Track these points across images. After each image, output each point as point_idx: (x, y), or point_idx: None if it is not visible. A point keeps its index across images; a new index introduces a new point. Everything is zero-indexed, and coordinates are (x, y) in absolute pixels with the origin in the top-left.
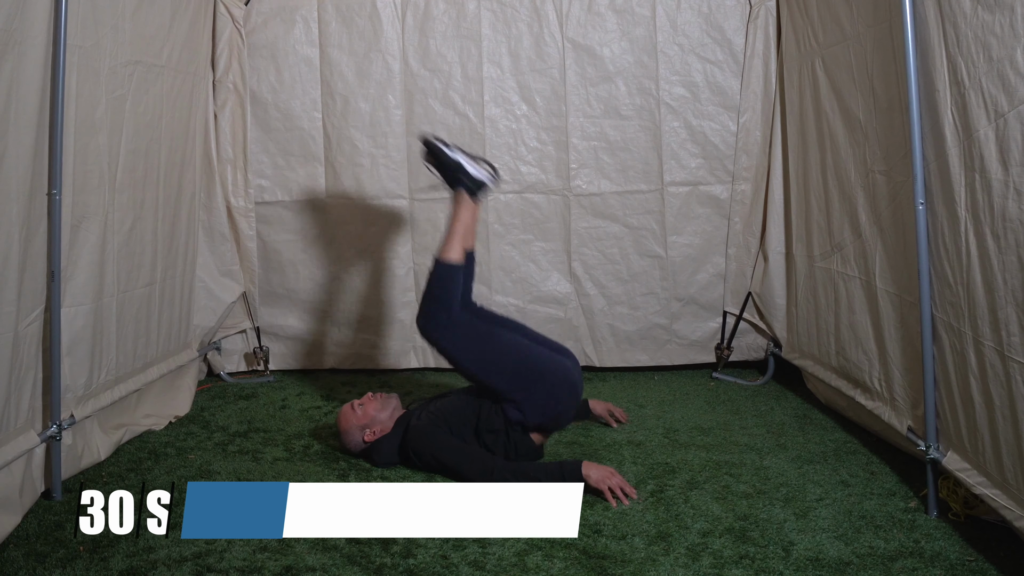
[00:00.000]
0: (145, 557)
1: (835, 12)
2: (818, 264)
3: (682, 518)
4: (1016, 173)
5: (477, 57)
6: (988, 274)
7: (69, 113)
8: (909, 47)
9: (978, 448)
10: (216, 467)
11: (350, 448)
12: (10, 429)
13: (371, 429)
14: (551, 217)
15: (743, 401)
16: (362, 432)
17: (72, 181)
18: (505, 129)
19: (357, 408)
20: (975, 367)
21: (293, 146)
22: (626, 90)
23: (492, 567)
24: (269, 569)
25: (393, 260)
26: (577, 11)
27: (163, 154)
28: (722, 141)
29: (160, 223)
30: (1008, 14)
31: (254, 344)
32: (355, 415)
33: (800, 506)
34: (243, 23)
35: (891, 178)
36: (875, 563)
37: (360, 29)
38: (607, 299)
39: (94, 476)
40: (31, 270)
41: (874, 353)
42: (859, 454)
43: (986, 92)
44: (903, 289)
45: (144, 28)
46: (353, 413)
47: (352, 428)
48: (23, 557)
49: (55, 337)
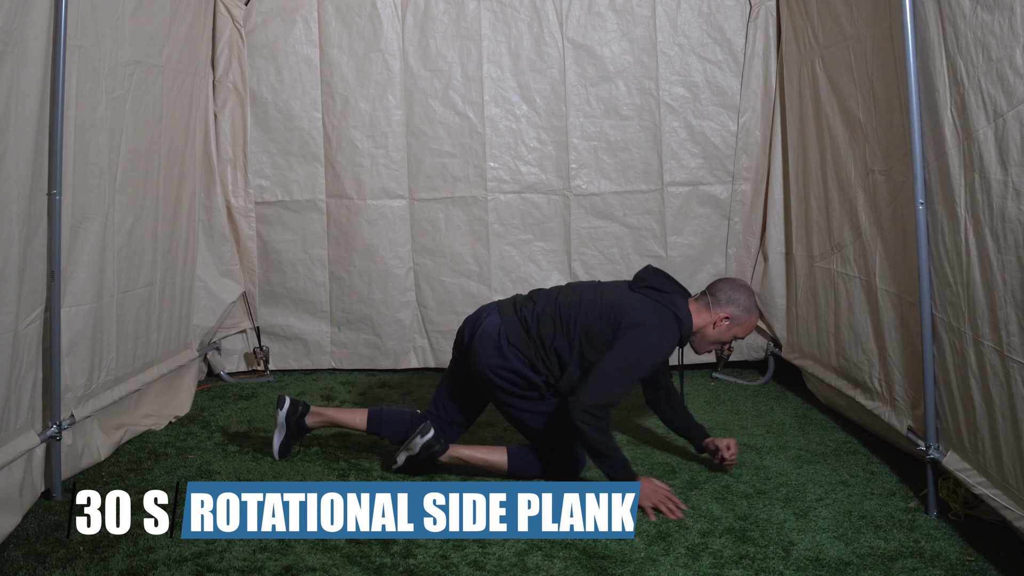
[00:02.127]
0: (145, 557)
1: (835, 12)
2: (818, 264)
3: (682, 518)
4: (1015, 173)
5: (477, 57)
6: (988, 274)
7: (69, 113)
8: (909, 47)
9: (978, 448)
10: (216, 467)
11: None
12: (10, 429)
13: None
14: (551, 217)
15: (743, 401)
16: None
17: (72, 181)
18: (505, 129)
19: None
20: (975, 367)
21: (293, 146)
22: (626, 90)
23: (492, 567)
24: (269, 569)
25: (393, 260)
26: (577, 11)
27: (163, 154)
28: (722, 141)
29: (160, 223)
30: (1007, 14)
31: (254, 344)
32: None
33: (800, 506)
34: (243, 23)
35: (891, 178)
36: (875, 563)
37: (360, 29)
38: None
39: (94, 476)
40: (31, 270)
41: (874, 353)
42: (859, 454)
43: (985, 92)
44: (903, 289)
45: (144, 28)
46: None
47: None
48: (23, 557)
49: (55, 337)
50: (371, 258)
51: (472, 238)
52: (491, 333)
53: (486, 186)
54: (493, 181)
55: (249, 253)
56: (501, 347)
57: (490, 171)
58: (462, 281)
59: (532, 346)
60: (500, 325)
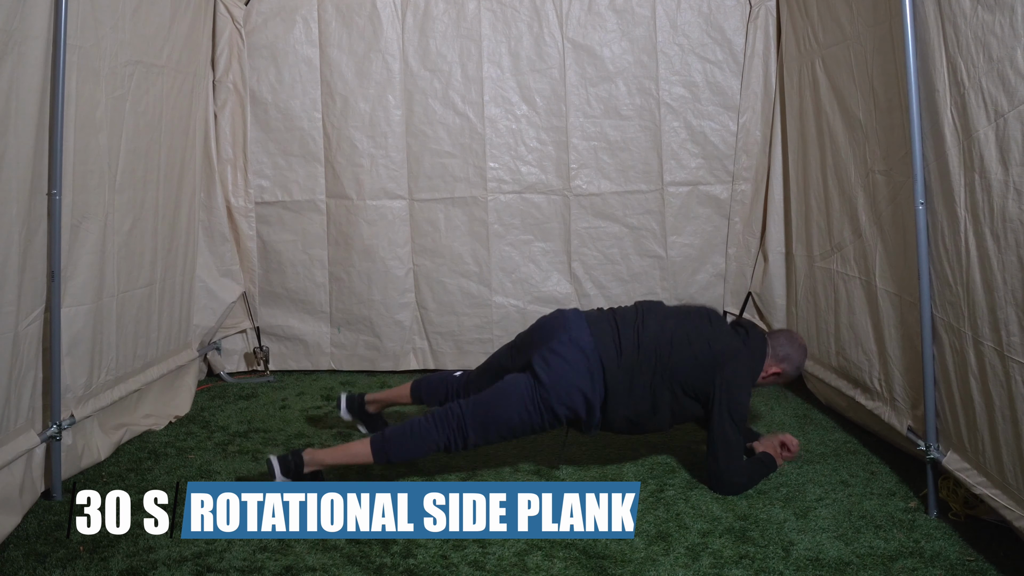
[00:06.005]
0: (145, 557)
1: (835, 12)
2: (818, 264)
3: (682, 518)
4: (1016, 173)
5: (477, 57)
6: (988, 274)
7: (69, 113)
8: (909, 47)
9: (978, 448)
10: (216, 467)
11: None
12: (10, 429)
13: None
14: (551, 217)
15: None
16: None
17: (72, 181)
18: (505, 129)
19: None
20: (975, 367)
21: (293, 146)
22: (626, 90)
23: (492, 567)
24: (269, 569)
25: (392, 261)
26: (577, 11)
27: (163, 154)
28: (722, 141)
29: (160, 223)
30: (1008, 14)
31: (254, 344)
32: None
33: (800, 506)
34: (243, 23)
35: (891, 178)
36: (875, 563)
37: (360, 29)
38: (607, 299)
39: (94, 476)
40: (31, 270)
41: (874, 353)
42: (859, 454)
43: (986, 92)
44: (903, 289)
45: (144, 28)
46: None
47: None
48: (23, 557)
49: (55, 337)
50: (371, 259)
51: (472, 238)
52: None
53: (486, 186)
54: (493, 181)
55: (249, 253)
56: (591, 403)
57: (490, 171)
58: (462, 282)
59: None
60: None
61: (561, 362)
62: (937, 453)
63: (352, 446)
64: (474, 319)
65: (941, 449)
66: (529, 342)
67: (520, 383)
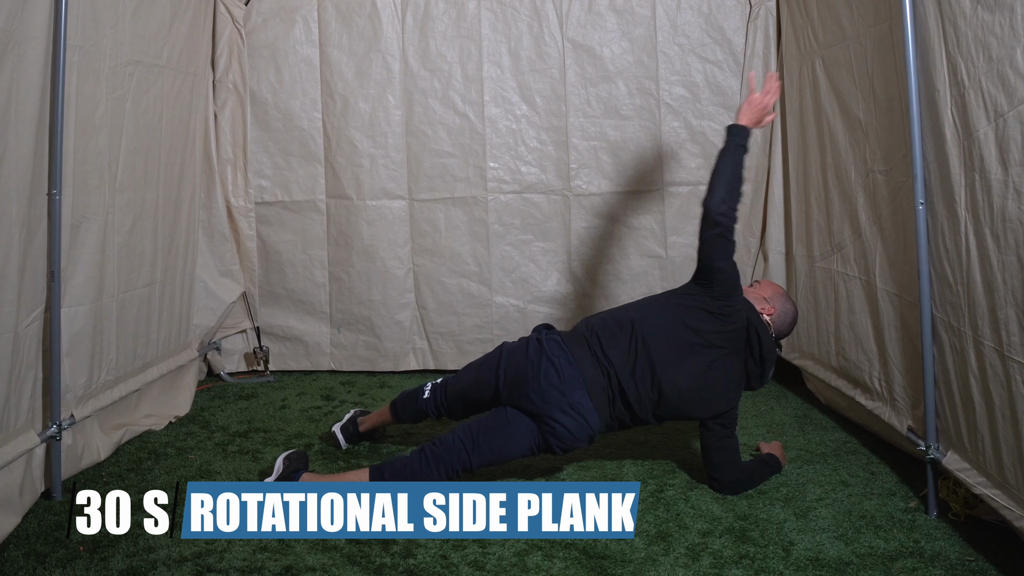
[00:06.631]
0: (145, 557)
1: (835, 12)
2: (818, 264)
3: (682, 518)
4: (1016, 173)
5: (477, 57)
6: (988, 274)
7: (69, 113)
8: (909, 47)
9: (978, 448)
10: (216, 467)
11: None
12: (10, 429)
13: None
14: (551, 217)
15: (743, 401)
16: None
17: (72, 181)
18: (505, 129)
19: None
20: (975, 367)
21: (293, 146)
22: (626, 90)
23: (492, 567)
24: (269, 569)
25: (392, 261)
26: (577, 11)
27: (163, 154)
28: (722, 141)
29: (160, 223)
30: (1008, 14)
31: (254, 344)
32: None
33: (800, 506)
34: (243, 23)
35: (891, 178)
36: (875, 563)
37: (360, 29)
38: (607, 299)
39: (94, 476)
40: (31, 270)
41: (874, 353)
42: (859, 454)
43: (986, 92)
44: (903, 289)
45: (144, 28)
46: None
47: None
48: (23, 557)
49: (55, 337)
50: (371, 259)
51: (472, 238)
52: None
53: (486, 186)
54: (493, 181)
55: (249, 253)
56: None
57: (490, 171)
58: (462, 282)
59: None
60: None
61: (568, 434)
62: (937, 453)
63: (349, 475)
64: (474, 319)
65: (941, 449)
66: (516, 384)
67: (531, 432)
